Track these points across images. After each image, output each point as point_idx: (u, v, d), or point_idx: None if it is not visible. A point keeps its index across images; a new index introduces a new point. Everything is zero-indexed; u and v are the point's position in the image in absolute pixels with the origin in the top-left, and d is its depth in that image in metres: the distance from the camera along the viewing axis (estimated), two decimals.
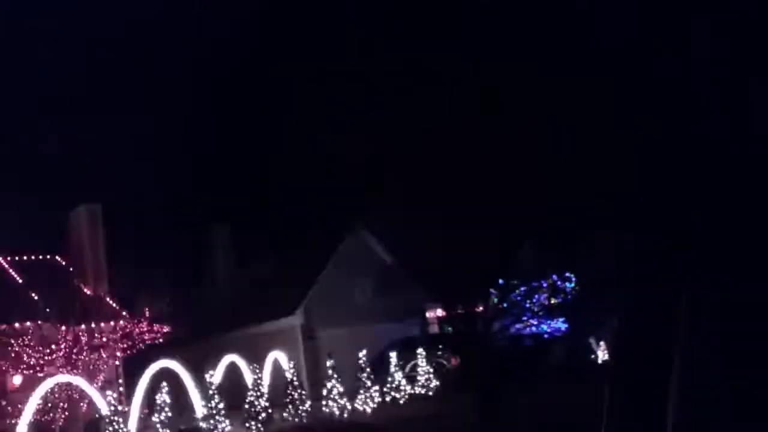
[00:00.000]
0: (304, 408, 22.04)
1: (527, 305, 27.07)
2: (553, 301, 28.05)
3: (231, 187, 36.42)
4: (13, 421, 20.50)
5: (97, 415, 21.07)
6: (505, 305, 26.34)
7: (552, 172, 25.84)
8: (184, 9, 32.94)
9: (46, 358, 23.44)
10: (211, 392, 20.29)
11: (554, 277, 27.91)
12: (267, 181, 34.88)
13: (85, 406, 22.95)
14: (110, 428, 19.44)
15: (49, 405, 22.36)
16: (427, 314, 31.32)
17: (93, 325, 24.70)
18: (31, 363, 23.24)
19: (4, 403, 22.99)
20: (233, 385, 22.81)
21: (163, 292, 28.22)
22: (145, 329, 25.64)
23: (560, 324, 29.62)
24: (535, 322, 27.77)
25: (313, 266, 30.65)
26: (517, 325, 26.55)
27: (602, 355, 29.12)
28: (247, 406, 20.78)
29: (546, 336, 29.24)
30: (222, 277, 35.34)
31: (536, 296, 27.41)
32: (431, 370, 25.78)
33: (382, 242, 29.57)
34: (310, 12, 28.46)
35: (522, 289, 26.84)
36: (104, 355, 25.08)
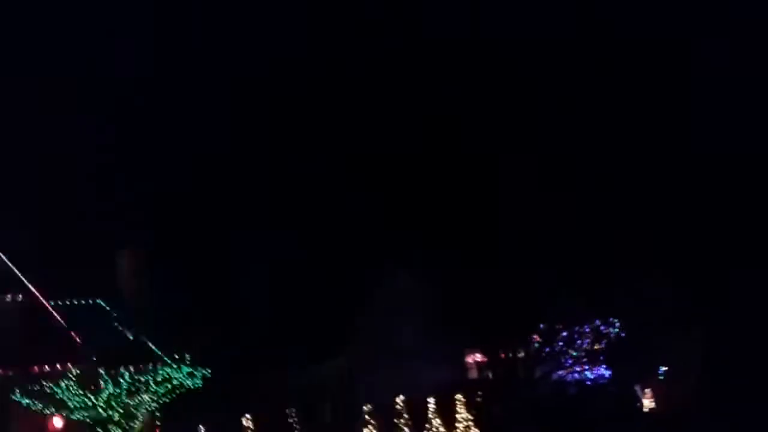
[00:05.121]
0: None
1: (570, 351, 26.54)
2: (596, 347, 27.41)
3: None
4: None
5: None
6: (546, 351, 25.81)
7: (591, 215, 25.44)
8: None
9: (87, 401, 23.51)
10: None
11: (597, 321, 27.28)
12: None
13: None
14: None
15: None
16: (467, 359, 30.73)
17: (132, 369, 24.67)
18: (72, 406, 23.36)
19: None
20: None
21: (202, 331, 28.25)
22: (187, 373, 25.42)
23: (603, 371, 28.74)
24: (579, 369, 27.12)
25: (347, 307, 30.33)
26: (560, 372, 25.96)
27: (648, 402, 28.33)
28: None
29: (589, 383, 28.41)
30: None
31: (579, 341, 26.80)
32: (470, 417, 25.24)
33: (421, 284, 29.24)
34: None
35: (564, 334, 26.29)
36: (146, 399, 24.94)
